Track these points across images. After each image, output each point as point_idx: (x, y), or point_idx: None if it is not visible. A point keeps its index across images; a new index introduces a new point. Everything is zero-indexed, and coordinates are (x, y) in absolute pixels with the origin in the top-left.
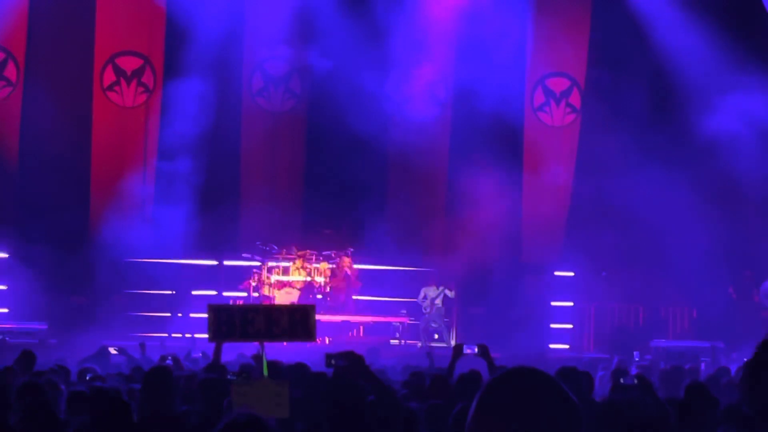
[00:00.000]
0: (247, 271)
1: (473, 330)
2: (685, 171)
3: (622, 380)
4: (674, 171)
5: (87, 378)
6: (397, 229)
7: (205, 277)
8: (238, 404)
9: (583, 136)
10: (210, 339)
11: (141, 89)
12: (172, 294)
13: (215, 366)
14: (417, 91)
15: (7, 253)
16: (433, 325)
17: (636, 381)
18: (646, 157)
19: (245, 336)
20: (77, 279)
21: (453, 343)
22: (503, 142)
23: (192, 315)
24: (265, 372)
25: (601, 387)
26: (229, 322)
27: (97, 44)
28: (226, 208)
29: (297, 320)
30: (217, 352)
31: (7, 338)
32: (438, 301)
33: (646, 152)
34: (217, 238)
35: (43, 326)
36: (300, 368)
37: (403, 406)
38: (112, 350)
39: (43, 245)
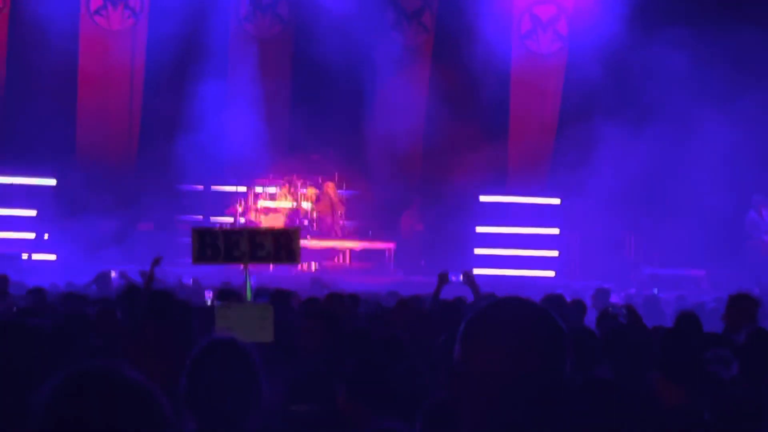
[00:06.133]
0: (233, 197)
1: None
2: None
3: (610, 309)
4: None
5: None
6: (380, 155)
7: (190, 203)
8: (222, 327)
9: (570, 63)
10: (194, 261)
11: (128, 13)
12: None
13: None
14: (400, 16)
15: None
16: None
17: (624, 311)
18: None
19: (229, 259)
20: (63, 203)
21: None
22: (490, 70)
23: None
24: (249, 296)
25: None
26: (213, 245)
27: None
28: (212, 133)
29: (281, 243)
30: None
31: None
32: None
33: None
34: (203, 163)
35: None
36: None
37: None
38: (113, 274)
39: (27, 170)
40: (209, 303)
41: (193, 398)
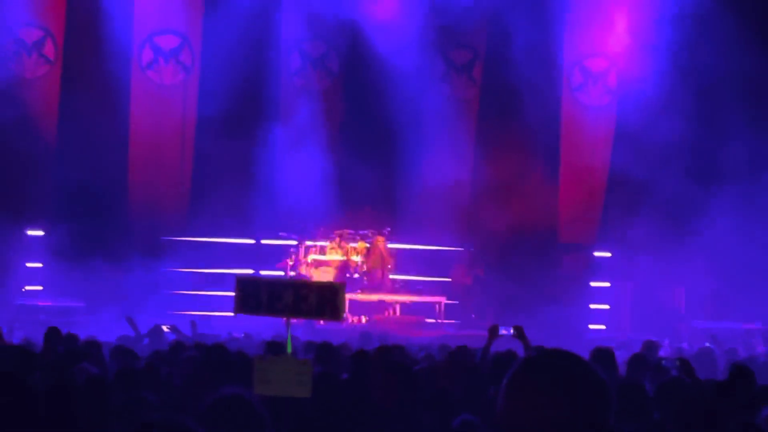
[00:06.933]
0: (284, 251)
1: (508, 310)
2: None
3: (663, 362)
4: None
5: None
6: (433, 208)
7: (242, 257)
8: (260, 380)
9: (620, 116)
10: (235, 312)
11: (179, 68)
12: (209, 273)
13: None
14: (449, 69)
15: (44, 230)
16: None
17: (677, 363)
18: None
19: (272, 311)
20: (114, 256)
21: None
22: (538, 121)
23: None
24: (289, 349)
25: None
26: (256, 295)
27: (135, 23)
28: (263, 187)
29: (325, 298)
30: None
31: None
32: None
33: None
34: (254, 217)
35: (80, 304)
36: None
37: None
38: (165, 328)
39: (81, 224)
40: None
41: None
